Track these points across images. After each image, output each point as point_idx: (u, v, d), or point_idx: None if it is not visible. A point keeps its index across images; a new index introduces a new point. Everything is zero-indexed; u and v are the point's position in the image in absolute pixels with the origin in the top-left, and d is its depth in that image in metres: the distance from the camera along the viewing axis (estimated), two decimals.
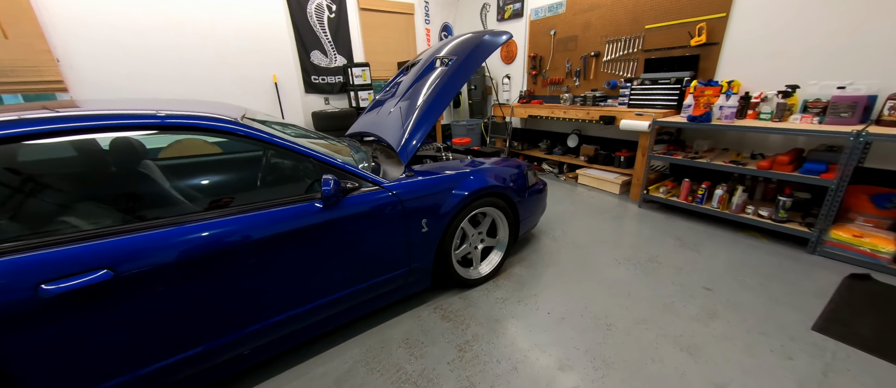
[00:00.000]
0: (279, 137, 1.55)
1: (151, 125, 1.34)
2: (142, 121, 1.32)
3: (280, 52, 4.70)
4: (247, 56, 4.43)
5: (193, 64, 4.14)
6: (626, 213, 3.51)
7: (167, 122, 1.34)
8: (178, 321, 1.32)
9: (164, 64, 3.99)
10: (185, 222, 1.30)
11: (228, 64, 4.33)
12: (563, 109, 4.48)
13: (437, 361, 1.73)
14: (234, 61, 4.36)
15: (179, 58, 4.04)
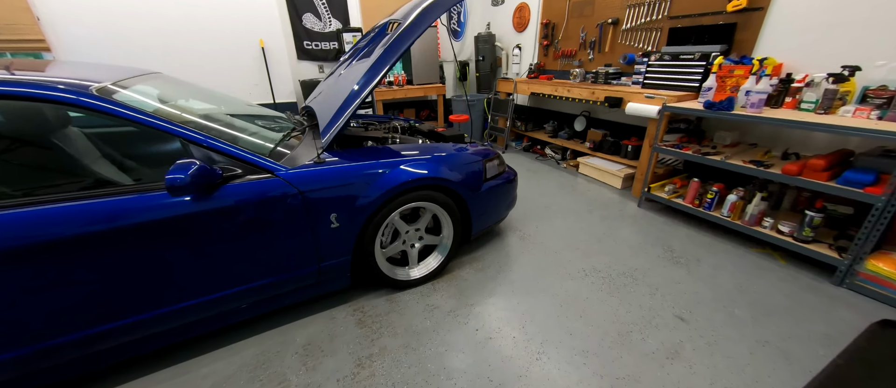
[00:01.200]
0: (135, 112, 1.32)
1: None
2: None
3: (267, 12, 4.45)
4: (229, 18, 4.22)
5: (173, 23, 4.00)
6: (621, 212, 3.05)
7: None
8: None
9: (145, 26, 3.88)
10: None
11: (208, 27, 4.15)
12: (568, 87, 3.92)
13: (327, 376, 1.54)
14: (215, 25, 4.17)
15: (158, 17, 3.91)
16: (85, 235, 1.22)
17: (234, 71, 4.45)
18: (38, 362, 1.29)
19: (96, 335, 1.35)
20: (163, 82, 2.06)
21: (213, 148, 1.44)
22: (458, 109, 5.31)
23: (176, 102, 1.95)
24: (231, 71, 4.44)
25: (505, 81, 5.06)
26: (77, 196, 1.25)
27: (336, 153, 1.83)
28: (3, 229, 1.13)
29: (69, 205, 1.22)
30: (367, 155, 1.85)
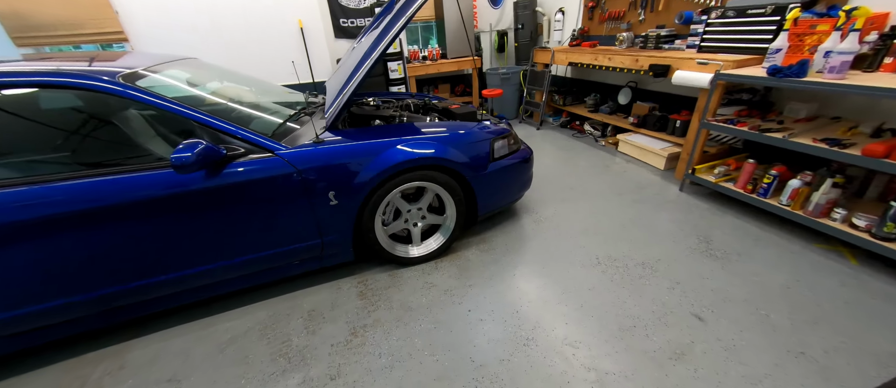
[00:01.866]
0: (152, 97, 1.47)
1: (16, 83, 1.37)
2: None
3: None
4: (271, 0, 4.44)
5: (224, 11, 4.33)
6: (658, 196, 2.75)
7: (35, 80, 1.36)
8: (71, 266, 1.46)
9: (201, 14, 4.26)
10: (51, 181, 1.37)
11: (252, 10, 4.42)
12: (609, 55, 3.52)
13: (324, 340, 1.67)
14: (259, 7, 4.42)
15: (212, 7, 4.26)
16: (120, 205, 1.43)
17: (275, 52, 4.72)
18: (96, 306, 1.58)
19: (137, 287, 1.60)
20: (195, 67, 2.27)
21: (219, 129, 1.56)
22: (492, 83, 5.09)
23: (204, 85, 2.15)
24: (273, 52, 4.71)
25: (542, 51, 4.70)
26: (110, 172, 1.45)
27: (341, 132, 1.89)
28: (57, 196, 1.37)
29: (106, 179, 1.43)
30: (368, 134, 1.87)
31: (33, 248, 1.38)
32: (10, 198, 1.33)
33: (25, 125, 1.49)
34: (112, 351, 1.68)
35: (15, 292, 1.43)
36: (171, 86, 1.94)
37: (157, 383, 1.51)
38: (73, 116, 1.56)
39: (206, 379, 1.51)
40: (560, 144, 4.10)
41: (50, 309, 1.50)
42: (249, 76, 2.70)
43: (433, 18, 5.54)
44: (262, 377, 1.51)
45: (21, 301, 1.45)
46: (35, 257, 1.40)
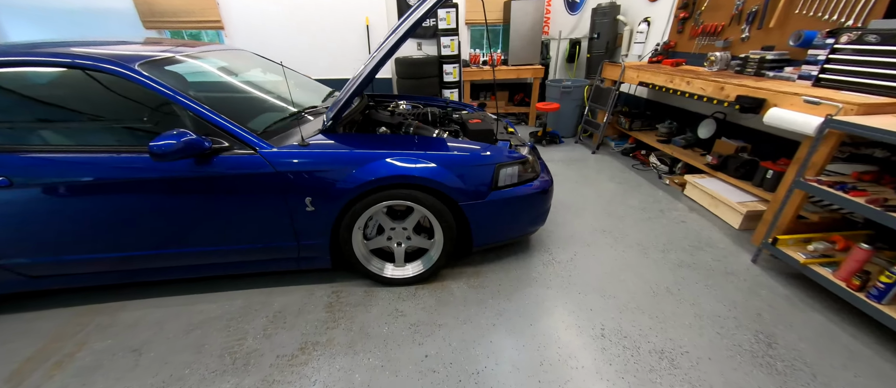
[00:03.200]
0: (155, 84, 1.56)
1: (42, 62, 1.56)
2: (41, 56, 1.55)
3: None
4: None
5: (301, 7, 4.70)
6: (718, 264, 2.16)
7: (63, 61, 1.53)
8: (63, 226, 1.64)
9: (282, 6, 4.68)
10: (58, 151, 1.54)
11: (324, 6, 4.70)
12: (688, 78, 2.89)
13: (273, 348, 1.62)
14: (330, 2, 4.69)
15: (291, 1, 4.65)
16: (124, 180, 1.57)
17: (341, 48, 4.97)
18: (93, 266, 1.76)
19: (137, 256, 1.75)
20: (237, 57, 2.42)
21: (209, 120, 1.60)
22: (552, 97, 4.65)
23: (241, 74, 2.27)
24: (339, 48, 4.97)
25: (612, 66, 4.12)
26: (121, 150, 1.58)
27: (336, 136, 1.82)
28: (81, 167, 1.54)
29: (116, 156, 1.57)
30: (360, 143, 1.78)
31: (59, 206, 1.58)
32: (47, 162, 1.52)
33: (69, 100, 1.70)
34: (110, 308, 1.87)
35: (42, 242, 1.66)
36: (204, 71, 2.10)
37: (125, 350, 1.63)
38: (106, 96, 1.73)
39: (161, 359, 1.58)
40: (613, 173, 3.55)
41: (70, 261, 1.71)
42: (292, 70, 2.82)
43: (501, 22, 5.27)
44: (203, 372, 1.51)
45: (49, 251, 1.68)
46: (59, 214, 1.60)
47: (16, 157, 1.51)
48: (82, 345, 1.66)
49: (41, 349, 1.64)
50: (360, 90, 1.80)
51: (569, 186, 3.24)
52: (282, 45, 4.88)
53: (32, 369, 1.55)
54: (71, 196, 1.58)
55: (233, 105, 1.98)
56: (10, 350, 1.63)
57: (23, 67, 1.59)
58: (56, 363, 1.57)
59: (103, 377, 1.51)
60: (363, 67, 1.85)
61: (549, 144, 4.43)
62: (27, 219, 1.59)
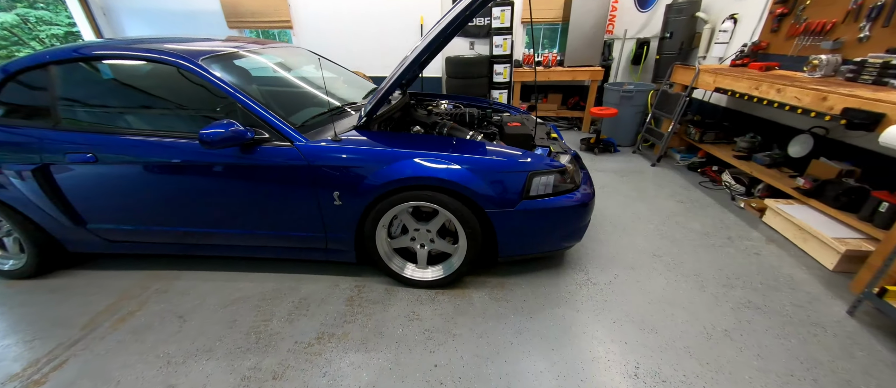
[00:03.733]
0: (218, 79, 1.69)
1: (131, 56, 1.78)
2: (130, 51, 1.78)
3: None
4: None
5: (355, 8, 4.93)
6: (801, 312, 1.80)
7: (147, 55, 1.74)
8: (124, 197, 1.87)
9: (341, 5, 4.95)
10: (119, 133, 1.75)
11: (382, 6, 4.86)
12: (779, 84, 2.44)
13: (293, 334, 1.69)
14: (387, 3, 4.83)
15: (351, 2, 4.89)
16: (186, 163, 1.74)
17: (398, 46, 5.09)
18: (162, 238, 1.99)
19: (193, 232, 1.94)
20: (292, 54, 2.57)
21: (254, 112, 1.70)
22: (610, 101, 4.28)
23: (296, 70, 2.41)
24: (396, 46, 5.09)
25: (684, 70, 3.66)
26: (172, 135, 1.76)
27: (370, 133, 1.84)
28: (151, 149, 1.74)
29: (171, 141, 1.74)
30: (390, 141, 1.77)
31: (132, 182, 1.80)
32: (125, 143, 1.75)
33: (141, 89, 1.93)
34: (168, 275, 2.10)
35: (118, 212, 1.91)
36: (263, 67, 2.26)
37: (173, 315, 1.82)
38: (175, 87, 1.93)
39: (199, 328, 1.73)
40: (675, 190, 3.15)
41: (140, 230, 1.96)
42: (342, 67, 2.93)
43: (559, 21, 4.99)
44: (230, 347, 1.62)
45: (123, 220, 1.93)
46: (132, 189, 1.83)
47: (101, 137, 1.75)
48: (143, 305, 1.89)
49: (112, 305, 1.89)
50: (392, 90, 1.80)
51: (619, 201, 2.95)
52: (343, 43, 5.15)
53: (102, 320, 1.79)
54: (141, 174, 1.79)
55: (281, 98, 2.11)
56: (89, 302, 1.91)
57: (115, 60, 1.84)
58: (120, 319, 1.80)
59: (153, 336, 1.69)
60: (397, 67, 1.84)
61: (601, 153, 4.09)
62: (107, 191, 1.85)
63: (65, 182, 1.83)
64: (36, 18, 10.28)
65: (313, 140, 1.71)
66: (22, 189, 1.81)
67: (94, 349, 1.62)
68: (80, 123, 1.80)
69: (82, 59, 1.78)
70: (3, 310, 1.88)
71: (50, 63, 1.77)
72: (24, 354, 1.60)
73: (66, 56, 1.78)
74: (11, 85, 1.80)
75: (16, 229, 1.94)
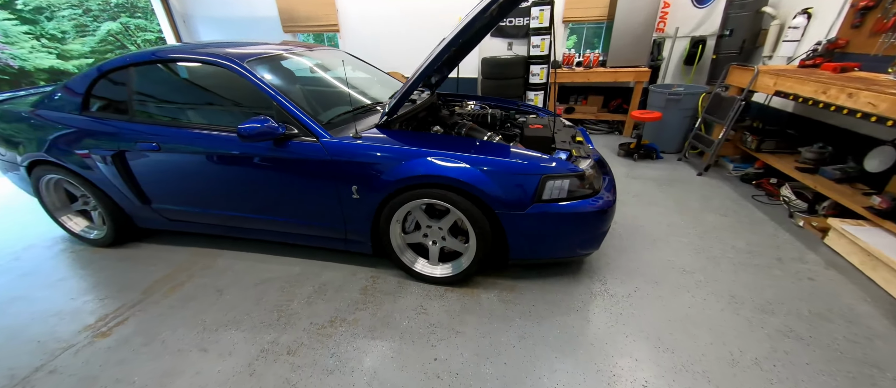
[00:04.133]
0: (258, 79, 1.88)
1: (190, 59, 2.03)
2: (189, 54, 2.04)
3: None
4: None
5: (398, 11, 5.12)
6: (858, 353, 1.58)
7: (201, 58, 1.98)
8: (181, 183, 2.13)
9: (384, 10, 5.16)
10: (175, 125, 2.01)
11: (422, 9, 4.99)
12: (852, 88, 2.13)
13: (310, 315, 1.83)
14: (427, 6, 4.95)
15: (389, 5, 5.10)
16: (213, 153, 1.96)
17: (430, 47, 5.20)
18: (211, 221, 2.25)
19: (235, 216, 2.17)
20: (331, 56, 2.75)
21: (286, 109, 1.86)
22: (655, 104, 4.01)
23: (333, 71, 2.59)
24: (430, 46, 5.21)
25: (741, 71, 3.33)
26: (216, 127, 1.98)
27: (389, 132, 1.93)
28: (202, 141, 1.98)
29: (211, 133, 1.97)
30: (407, 140, 1.84)
31: (187, 168, 2.07)
32: (182, 134, 2.01)
33: (195, 87, 2.20)
34: (212, 253, 2.37)
35: (176, 194, 2.20)
36: (300, 67, 2.46)
37: (213, 289, 2.05)
38: (225, 86, 2.17)
39: (232, 302, 1.94)
40: (722, 203, 2.88)
41: (193, 212, 2.24)
42: (378, 69, 3.08)
43: (604, 19, 4.77)
44: (256, 321, 1.80)
45: (180, 201, 2.22)
46: (187, 175, 2.10)
47: (163, 128, 2.03)
48: (191, 278, 2.15)
49: (168, 275, 2.19)
50: (412, 90, 1.87)
51: (653, 211, 2.76)
52: (384, 45, 5.38)
53: (158, 288, 2.07)
54: (193, 162, 2.04)
55: (315, 97, 2.28)
56: (149, 271, 2.22)
57: (176, 63, 2.12)
58: (172, 287, 2.07)
59: (194, 305, 1.93)
60: (417, 69, 1.90)
61: (641, 159, 3.84)
62: (167, 176, 2.13)
63: (135, 167, 2.14)
64: (134, 26, 12.06)
65: (336, 137, 1.83)
66: (104, 171, 2.16)
67: (149, 311, 1.89)
68: (148, 116, 2.10)
69: (153, 61, 2.08)
70: (88, 272, 2.25)
71: (130, 65, 2.09)
72: (97, 309, 1.92)
73: (144, 59, 2.08)
74: (102, 82, 2.14)
75: (100, 204, 2.30)
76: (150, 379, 1.50)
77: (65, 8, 11.90)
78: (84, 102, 2.14)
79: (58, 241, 2.58)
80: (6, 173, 2.53)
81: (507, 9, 1.85)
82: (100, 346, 1.68)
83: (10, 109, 2.33)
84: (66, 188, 2.41)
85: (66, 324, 1.82)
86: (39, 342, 1.71)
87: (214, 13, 5.81)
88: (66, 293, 2.05)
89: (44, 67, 14.95)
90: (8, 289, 2.10)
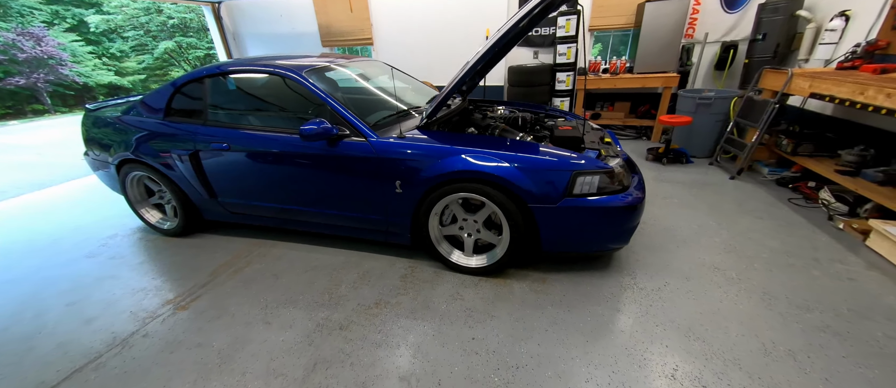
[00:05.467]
0: (316, 87, 2.13)
1: (255, 70, 2.32)
2: (254, 66, 2.32)
3: (496, 4, 5.02)
4: (464, 13, 5.14)
5: (426, 24, 5.41)
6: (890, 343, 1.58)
7: (265, 70, 2.27)
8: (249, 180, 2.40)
9: (413, 23, 5.47)
10: (242, 128, 2.28)
11: (449, 21, 5.25)
12: (888, 89, 2.12)
13: (357, 298, 2.01)
14: (454, 18, 5.19)
15: (419, 19, 5.40)
16: (278, 152, 2.22)
17: (464, 57, 5.42)
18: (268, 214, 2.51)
19: (289, 209, 2.42)
20: (371, 66, 3.01)
21: (340, 113, 2.09)
22: (684, 109, 4.01)
23: (374, 79, 2.84)
24: (463, 57, 5.43)
25: (774, 74, 3.31)
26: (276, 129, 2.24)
27: (429, 133, 2.12)
28: (266, 141, 2.24)
29: (272, 134, 2.23)
30: (445, 139, 2.02)
31: (251, 166, 2.33)
32: (248, 136, 2.29)
33: (257, 95, 2.50)
34: (267, 243, 2.63)
35: (240, 189, 2.48)
36: (346, 77, 2.71)
37: (269, 273, 2.28)
38: (286, 94, 2.44)
39: (288, 285, 2.16)
40: (756, 206, 2.86)
41: (253, 205, 2.50)
42: (411, 77, 3.32)
43: (631, 26, 4.83)
44: (310, 301, 2.01)
45: (243, 196, 2.49)
46: (250, 172, 2.37)
47: (232, 131, 2.31)
48: (249, 264, 2.41)
49: (228, 261, 2.45)
50: (450, 95, 2.05)
51: (684, 213, 2.79)
52: (414, 56, 5.67)
53: (222, 272, 2.33)
54: (258, 160, 2.31)
55: (360, 103, 2.51)
56: (214, 257, 2.50)
57: (243, 74, 2.42)
58: (234, 271, 2.33)
59: (256, 286, 2.16)
60: (454, 77, 2.08)
61: (671, 163, 3.84)
62: (233, 173, 2.41)
63: (207, 165, 2.44)
64: (187, 44, 13.24)
65: (382, 137, 2.04)
66: (181, 169, 2.47)
67: (218, 290, 2.14)
68: (219, 120, 2.40)
69: (223, 73, 2.39)
70: (164, 257, 2.56)
71: (205, 77, 2.40)
72: (175, 287, 2.20)
73: (214, 71, 2.40)
74: (180, 93, 2.47)
75: (174, 198, 2.62)
76: (226, 344, 1.73)
77: (129, 29, 13.23)
78: (167, 109, 2.48)
79: (135, 231, 2.93)
80: (95, 171, 2.93)
81: (537, 19, 2.01)
82: (181, 316, 1.93)
83: (102, 115, 2.71)
84: (147, 184, 2.76)
85: (150, 298, 2.10)
86: (132, 312, 1.99)
87: (261, 30, 6.34)
88: (147, 274, 2.35)
89: (104, 82, 16.50)
90: (101, 269, 2.44)
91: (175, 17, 14.07)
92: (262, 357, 1.65)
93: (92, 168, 2.94)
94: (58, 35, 14.10)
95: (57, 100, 15.20)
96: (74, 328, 1.91)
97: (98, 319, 1.96)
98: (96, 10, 14.69)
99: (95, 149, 2.77)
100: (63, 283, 2.32)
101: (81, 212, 3.42)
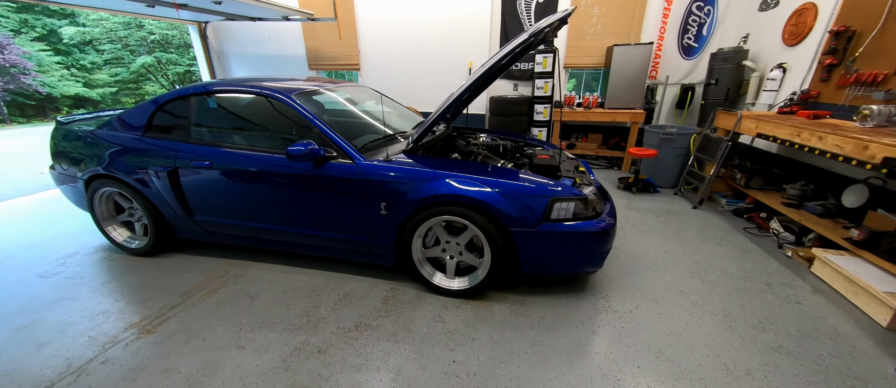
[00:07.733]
0: (305, 109, 2.18)
1: (243, 91, 2.35)
2: (243, 88, 2.36)
3: (478, 39, 5.34)
4: (448, 44, 5.41)
5: (412, 53, 5.65)
6: (841, 367, 1.72)
7: (253, 91, 2.30)
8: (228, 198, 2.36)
9: (399, 51, 5.69)
10: (223, 146, 2.28)
11: (433, 50, 5.51)
12: (821, 132, 2.42)
13: (337, 320, 1.98)
14: (439, 47, 5.47)
15: (405, 47, 5.63)
16: (258, 171, 2.22)
17: (449, 87, 5.65)
18: (245, 232, 2.46)
19: (267, 229, 2.38)
20: (358, 91, 3.11)
21: (327, 135, 2.14)
22: (650, 143, 4.33)
23: (361, 103, 2.92)
24: (448, 87, 5.65)
25: (726, 115, 3.67)
26: (260, 149, 2.25)
27: (415, 157, 2.20)
28: (248, 160, 2.24)
29: (255, 154, 2.24)
30: (430, 164, 2.10)
31: (230, 185, 2.31)
32: (231, 154, 2.28)
33: (245, 116, 2.51)
34: (243, 264, 2.56)
35: (217, 208, 2.43)
36: (333, 100, 2.78)
37: (245, 294, 2.22)
38: (273, 115, 2.47)
39: (264, 306, 2.10)
40: (716, 234, 3.08)
41: (229, 224, 2.45)
42: (396, 102, 3.43)
43: (602, 66, 5.24)
44: (286, 324, 1.96)
45: (220, 214, 2.44)
46: (229, 191, 2.34)
47: (215, 149, 2.30)
48: (224, 284, 2.32)
49: (202, 281, 2.36)
50: (437, 122, 2.16)
51: (651, 239, 2.96)
52: (400, 82, 5.85)
53: (195, 292, 2.24)
54: (240, 179, 2.29)
55: (348, 126, 2.57)
56: (186, 278, 2.39)
57: (230, 94, 2.44)
58: (207, 292, 2.24)
59: (229, 308, 2.09)
60: (441, 104, 2.20)
61: (639, 193, 4.09)
62: (213, 191, 2.37)
63: (186, 182, 2.39)
64: (166, 59, 12.96)
65: (369, 159, 2.10)
66: (158, 186, 2.40)
67: (189, 312, 2.05)
68: (202, 138, 2.38)
69: (210, 92, 2.40)
70: (128, 277, 2.42)
71: (191, 95, 2.40)
72: (140, 309, 2.08)
73: (200, 90, 2.41)
74: (162, 111, 2.45)
75: (146, 216, 2.53)
76: (195, 370, 1.64)
77: (105, 43, 12.85)
78: (147, 126, 2.44)
79: (98, 249, 2.77)
80: (60, 186, 2.78)
81: (518, 56, 2.19)
82: (146, 341, 1.83)
83: (73, 129, 2.63)
84: (116, 200, 2.65)
85: (112, 322, 1.98)
86: (90, 336, 1.86)
87: (247, 50, 6.37)
88: (110, 295, 2.22)
89: (69, 93, 15.70)
90: (56, 289, 2.28)
91: (156, 33, 13.86)
92: (235, 383, 1.58)
93: (56, 182, 2.80)
94: (24, 44, 13.49)
95: (14, 109, 14.31)
96: (23, 354, 1.76)
97: (51, 344, 1.82)
98: (70, 22, 14.24)
99: (64, 162, 2.65)
100: (11, 304, 2.14)
101: (36, 228, 3.20)
